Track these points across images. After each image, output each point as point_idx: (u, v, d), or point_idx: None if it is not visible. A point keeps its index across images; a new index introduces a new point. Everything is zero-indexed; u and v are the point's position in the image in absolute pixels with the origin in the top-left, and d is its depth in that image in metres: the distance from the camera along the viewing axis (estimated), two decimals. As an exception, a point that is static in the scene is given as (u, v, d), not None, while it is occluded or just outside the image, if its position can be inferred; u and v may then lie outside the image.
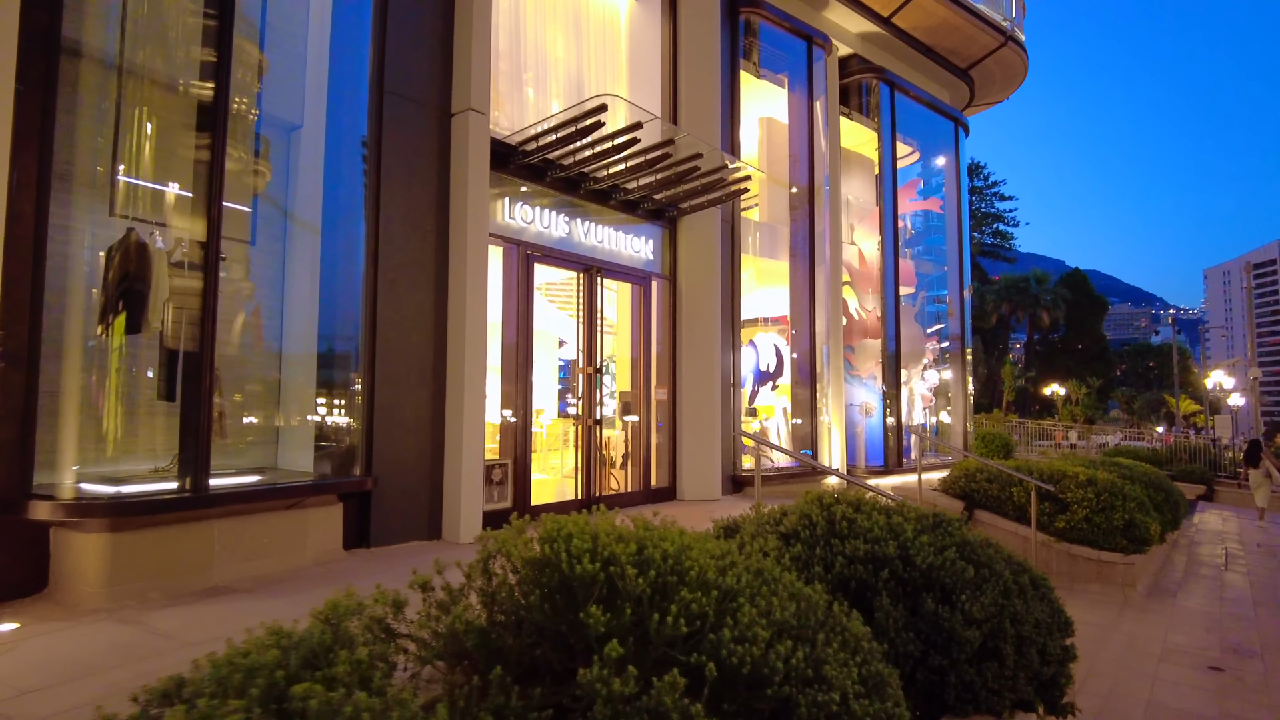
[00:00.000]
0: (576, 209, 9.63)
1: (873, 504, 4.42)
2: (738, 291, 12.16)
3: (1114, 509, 8.00)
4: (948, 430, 18.14)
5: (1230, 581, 8.91)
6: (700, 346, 11.10)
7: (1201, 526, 14.47)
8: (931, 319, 18.59)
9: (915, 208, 17.72)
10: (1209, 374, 31.69)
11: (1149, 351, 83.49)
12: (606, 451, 11.73)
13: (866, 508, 4.27)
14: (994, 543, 4.37)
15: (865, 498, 4.59)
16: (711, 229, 11.29)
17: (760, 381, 13.40)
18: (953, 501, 8.94)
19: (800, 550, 3.90)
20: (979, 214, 73.56)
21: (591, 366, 9.62)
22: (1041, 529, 8.26)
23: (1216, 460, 22.46)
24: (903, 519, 4.13)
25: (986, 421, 26.46)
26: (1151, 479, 10.14)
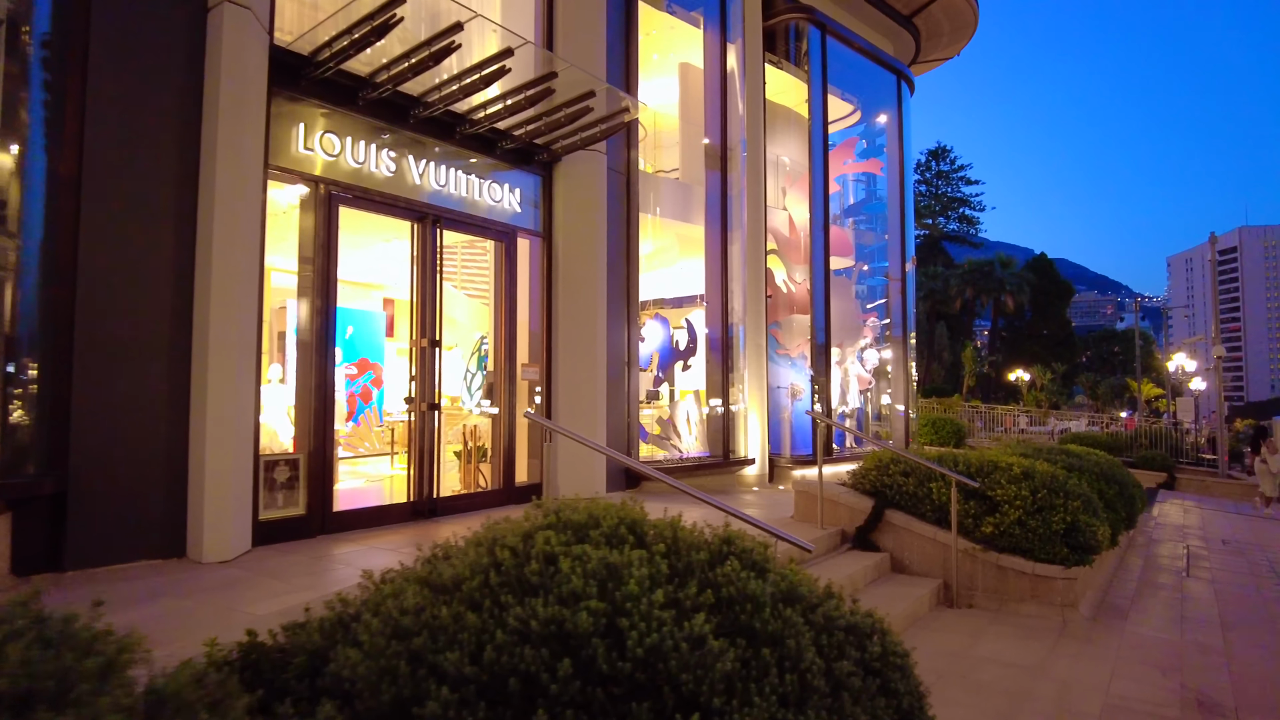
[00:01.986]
0: (410, 144, 7.82)
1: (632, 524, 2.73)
2: (634, 256, 10.43)
3: (1053, 509, 6.38)
4: (890, 415, 16.57)
5: (1193, 593, 7.37)
6: (581, 318, 9.37)
7: (1162, 520, 13.02)
8: (874, 294, 16.99)
9: (853, 169, 16.07)
10: (1171, 357, 30.60)
11: (1114, 337, 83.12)
12: (473, 443, 9.99)
13: (606, 531, 2.56)
14: (812, 592, 2.69)
15: (634, 514, 2.92)
16: (595, 179, 9.53)
17: (670, 361, 11.70)
18: (860, 499, 7.30)
19: (448, 617, 2.17)
20: (945, 198, 72.59)
21: (426, 339, 7.84)
22: (965, 534, 6.64)
23: (1179, 445, 21.19)
24: (656, 553, 2.42)
25: (939, 406, 25.06)
26: (1104, 470, 8.57)
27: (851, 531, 7.27)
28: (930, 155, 73.32)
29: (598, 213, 9.49)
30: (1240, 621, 6.38)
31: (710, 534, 2.89)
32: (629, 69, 10.51)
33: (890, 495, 7.22)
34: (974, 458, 7.22)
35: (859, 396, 15.48)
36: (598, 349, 9.36)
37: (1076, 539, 6.31)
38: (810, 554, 4.13)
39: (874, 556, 6.90)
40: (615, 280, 10.05)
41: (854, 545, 7.18)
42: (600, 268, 9.48)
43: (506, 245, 8.84)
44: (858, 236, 16.59)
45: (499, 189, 8.73)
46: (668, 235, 13.48)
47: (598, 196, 9.52)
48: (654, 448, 11.35)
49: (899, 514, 7.10)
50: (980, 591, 6.51)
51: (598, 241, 9.47)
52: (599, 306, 9.43)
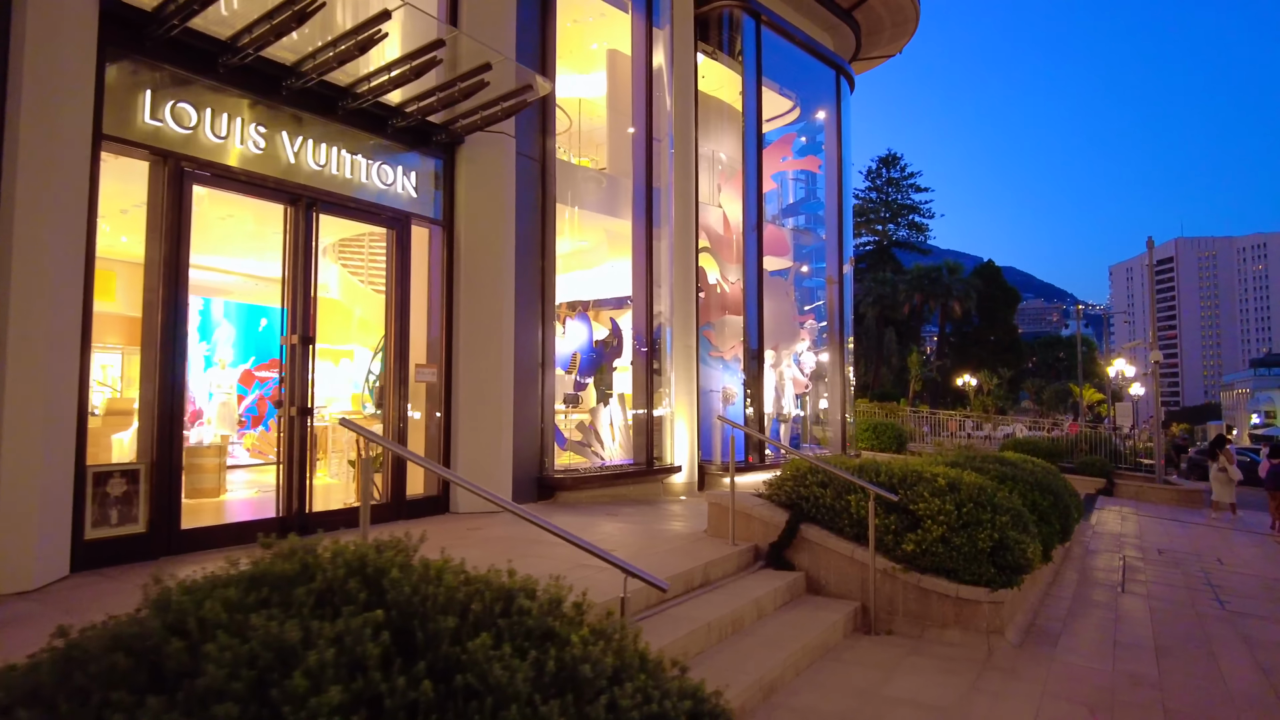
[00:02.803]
0: (284, 119, 7.01)
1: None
2: (549, 249, 9.72)
3: (980, 525, 5.82)
4: (828, 420, 16.08)
5: (1128, 611, 6.89)
6: (485, 315, 8.63)
7: (1099, 528, 12.70)
8: (813, 296, 16.51)
9: (791, 167, 15.58)
10: (1112, 362, 30.85)
11: (1058, 343, 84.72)
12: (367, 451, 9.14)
13: (320, 588, 1.85)
14: (625, 662, 2.01)
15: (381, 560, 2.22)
16: (502, 164, 8.81)
17: (594, 363, 11.01)
18: (776, 512, 6.68)
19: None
20: (895, 205, 73.16)
21: (297, 335, 7.03)
22: (885, 552, 6.05)
23: (1118, 451, 21.12)
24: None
25: (881, 411, 24.77)
26: (1038, 479, 8.09)
27: (765, 548, 6.64)
28: (881, 162, 73.91)
29: (504, 200, 8.77)
30: (1175, 645, 5.89)
31: (502, 582, 2.20)
32: (545, 50, 9.81)
33: (807, 508, 6.61)
34: (897, 467, 6.65)
35: (795, 400, 14.95)
36: (503, 348, 8.63)
37: (1004, 558, 5.75)
38: (665, 593, 3.44)
39: (787, 576, 6.28)
40: (526, 274, 9.33)
41: (767, 563, 6.55)
42: (507, 260, 8.75)
43: (399, 233, 8.05)
44: (796, 237, 16.11)
45: (390, 171, 7.95)
46: (595, 232, 12.80)
47: (504, 183, 8.79)
48: (574, 455, 10.64)
49: (815, 529, 6.48)
50: (901, 616, 5.92)
51: (504, 232, 8.74)
52: (505, 302, 8.70)
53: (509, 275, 8.77)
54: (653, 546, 6.64)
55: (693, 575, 5.77)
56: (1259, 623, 6.91)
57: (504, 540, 6.76)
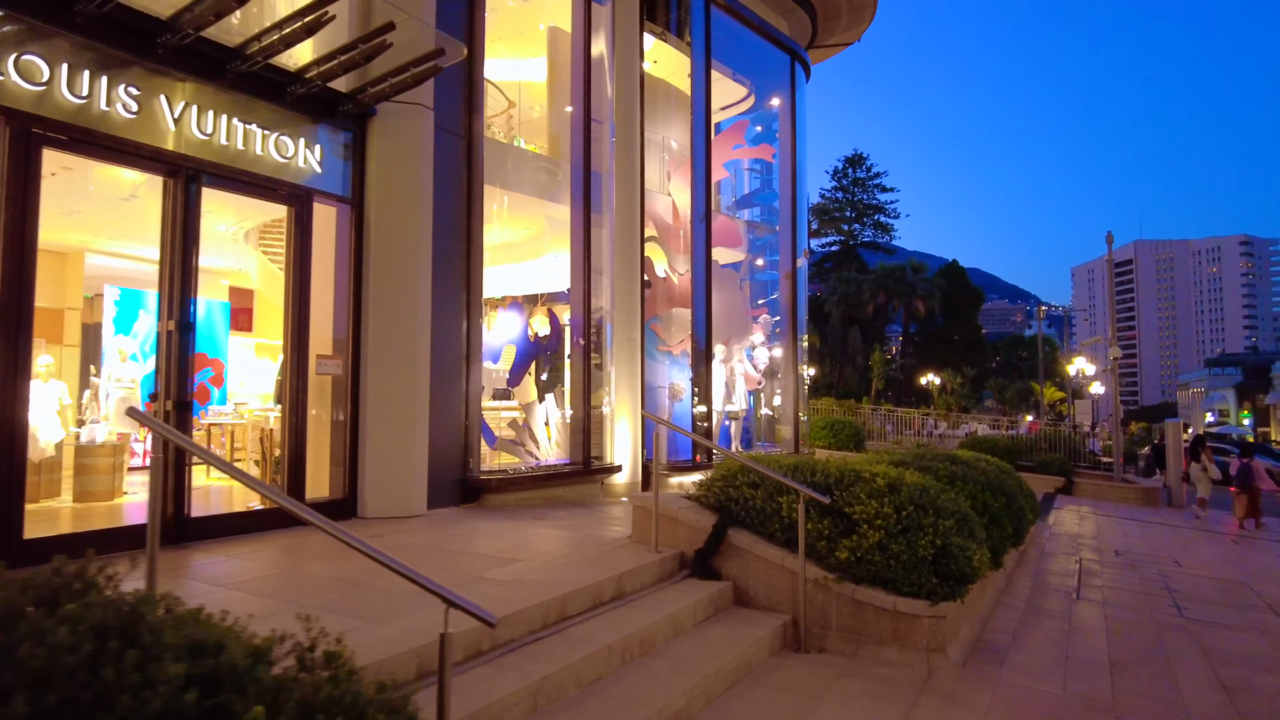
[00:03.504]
0: (162, 81, 6.27)
1: None
2: (476, 233, 9.05)
3: (921, 530, 5.28)
4: (781, 417, 15.57)
5: (1083, 621, 6.41)
6: (398, 303, 7.95)
7: (1056, 528, 12.31)
8: (768, 290, 16.00)
9: (744, 155, 15.04)
10: (1072, 360, 30.80)
11: (1021, 343, 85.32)
12: (271, 450, 8.48)
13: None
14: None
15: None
16: (418, 139, 8.14)
17: (528, 357, 10.35)
18: (703, 516, 6.09)
19: None
20: (861, 205, 73.27)
21: (174, 321, 6.30)
22: (819, 560, 5.49)
23: (1078, 449, 20.90)
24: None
25: (839, 408, 24.37)
26: (991, 480, 7.58)
27: (691, 555, 6.04)
28: (847, 162, 73.99)
29: (420, 178, 8.09)
30: (1132, 661, 5.39)
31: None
32: (473, 18, 9.10)
33: (736, 511, 6.03)
34: (834, 466, 6.09)
35: (747, 397, 14.41)
36: (417, 339, 7.95)
37: (948, 567, 5.21)
38: (493, 627, 2.81)
39: (712, 587, 5.69)
40: (449, 260, 8.65)
41: (693, 572, 5.96)
42: (423, 243, 8.08)
43: (299, 211, 7.34)
44: (751, 229, 15.58)
45: (290, 144, 7.23)
46: (535, 220, 12.16)
47: (421, 160, 8.11)
48: (505, 454, 9.98)
49: (745, 534, 5.90)
50: (835, 631, 5.36)
51: (420, 212, 8.07)
52: (420, 289, 8.02)
53: (425, 260, 8.10)
54: (568, 555, 6.02)
55: (602, 588, 5.16)
56: (1218, 632, 6.46)
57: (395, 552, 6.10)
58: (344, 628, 3.64)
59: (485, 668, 3.95)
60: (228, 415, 11.42)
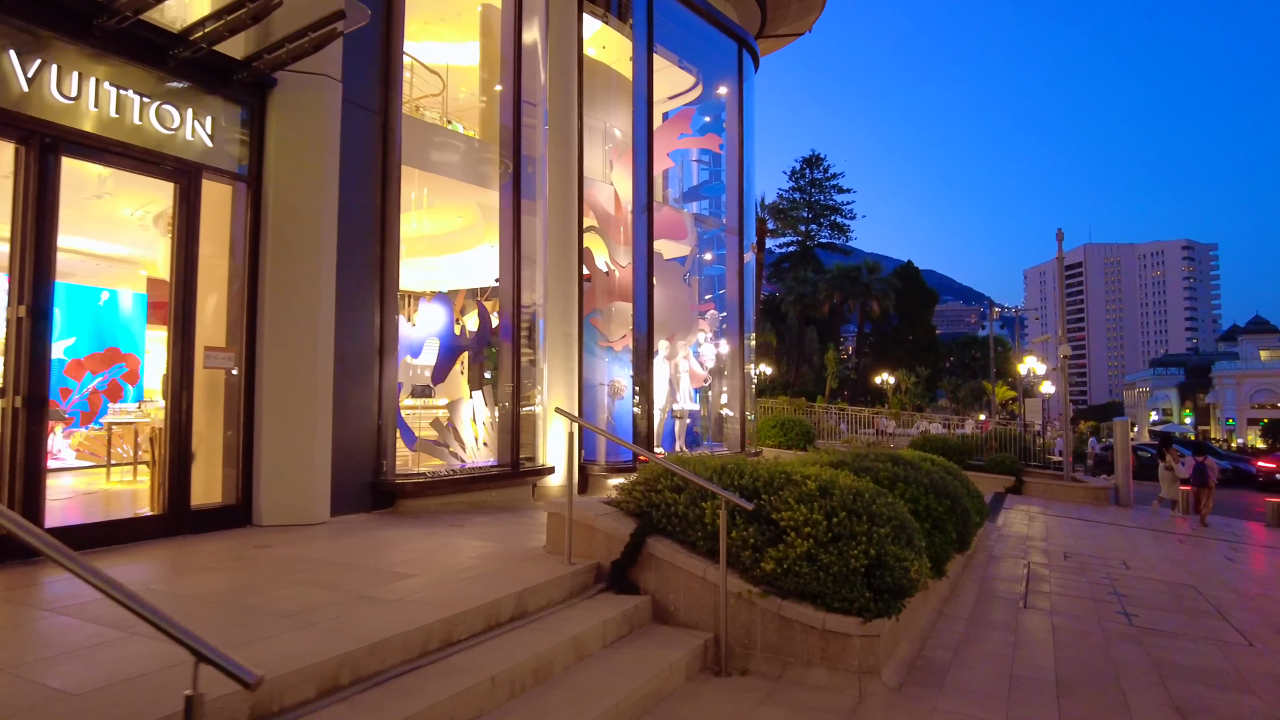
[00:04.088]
0: (18, 38, 5.54)
1: None
2: (393, 218, 8.40)
3: (853, 539, 4.79)
4: (728, 416, 15.10)
5: (1030, 633, 6.00)
6: (299, 291, 7.28)
7: (1006, 530, 12.02)
8: (716, 285, 15.53)
9: (690, 144, 14.53)
10: (1023, 359, 30.95)
11: (975, 343, 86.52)
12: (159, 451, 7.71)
13: None
14: None
15: None
16: (324, 113, 7.48)
17: (454, 352, 9.70)
18: (622, 523, 5.54)
19: None
20: (818, 205, 73.44)
21: (25, 307, 5.57)
22: (743, 572, 4.98)
23: (1029, 448, 20.81)
24: None
25: (790, 407, 24.04)
26: (935, 482, 7.15)
27: (608, 567, 5.49)
28: (804, 162, 74.13)
29: (325, 156, 7.43)
30: (1080, 679, 4.97)
31: None
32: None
33: (657, 517, 5.50)
34: (764, 468, 5.59)
35: (693, 395, 13.91)
36: (319, 331, 7.29)
37: (882, 579, 4.74)
38: (250, 688, 2.21)
39: (629, 602, 5.15)
40: (360, 246, 8.00)
41: (609, 586, 5.41)
42: (327, 226, 7.42)
43: (184, 188, 6.63)
44: (698, 222, 15.08)
45: (175, 114, 6.53)
46: (467, 208, 11.53)
47: (326, 136, 7.45)
48: (428, 456, 9.34)
49: (665, 543, 5.37)
50: (759, 651, 4.85)
51: (324, 193, 7.40)
52: (323, 276, 7.36)
53: (329, 245, 7.44)
54: (472, 568, 5.43)
55: (499, 607, 4.58)
56: (1169, 642, 6.10)
57: (278, 565, 5.46)
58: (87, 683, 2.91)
59: (339, 706, 3.36)
60: (131, 413, 10.61)
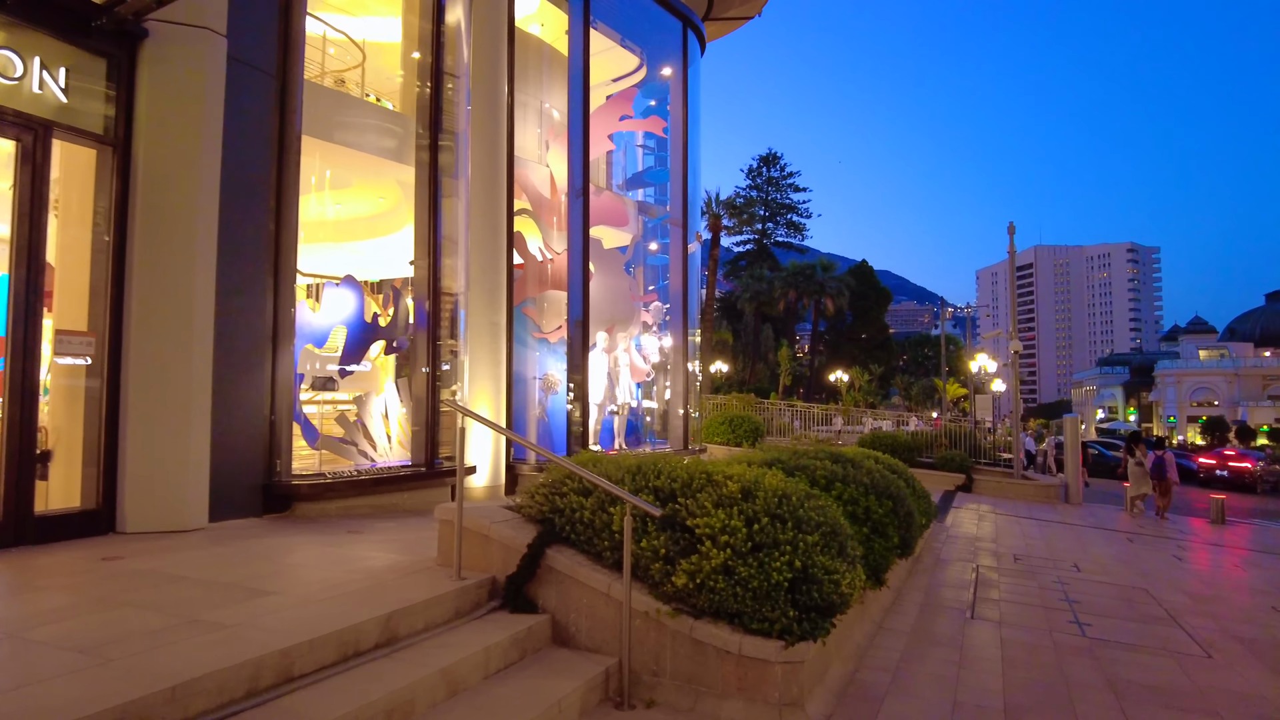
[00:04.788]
0: None
1: None
2: (290, 192, 7.62)
3: (776, 548, 4.18)
4: (672, 411, 14.49)
5: (976, 649, 5.46)
6: (173, 269, 6.48)
7: (955, 530, 11.59)
8: (661, 275, 14.92)
9: (632, 127, 13.88)
10: (974, 357, 30.94)
11: (928, 342, 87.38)
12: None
13: None
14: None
15: None
16: (204, 70, 6.65)
17: (364, 341, 8.92)
18: (523, 531, 4.87)
19: None
20: (775, 204, 73.33)
21: None
22: (652, 587, 4.34)
23: (979, 445, 20.56)
24: None
25: (738, 403, 23.57)
26: (876, 482, 6.58)
27: (504, 581, 4.81)
28: (761, 160, 73.91)
29: (206, 120, 6.62)
30: (1031, 704, 4.43)
31: None
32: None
33: (561, 524, 4.83)
34: (684, 468, 4.96)
35: (633, 390, 13.27)
36: (196, 315, 6.49)
37: (809, 595, 4.13)
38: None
39: (524, 623, 4.47)
40: (250, 222, 7.21)
41: (504, 603, 4.73)
42: (207, 198, 6.61)
43: (29, 148, 5.78)
44: (642, 210, 14.46)
45: (18, 62, 5.69)
46: (387, 187, 10.75)
47: (208, 97, 6.64)
48: (335, 455, 8.55)
49: (568, 553, 4.71)
50: (669, 679, 4.21)
51: (203, 161, 6.59)
52: (202, 254, 6.56)
53: (209, 220, 6.63)
54: (344, 584, 4.70)
55: (360, 633, 3.87)
56: (1124, 655, 5.61)
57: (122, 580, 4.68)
58: None
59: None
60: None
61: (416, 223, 9.10)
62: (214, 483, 6.65)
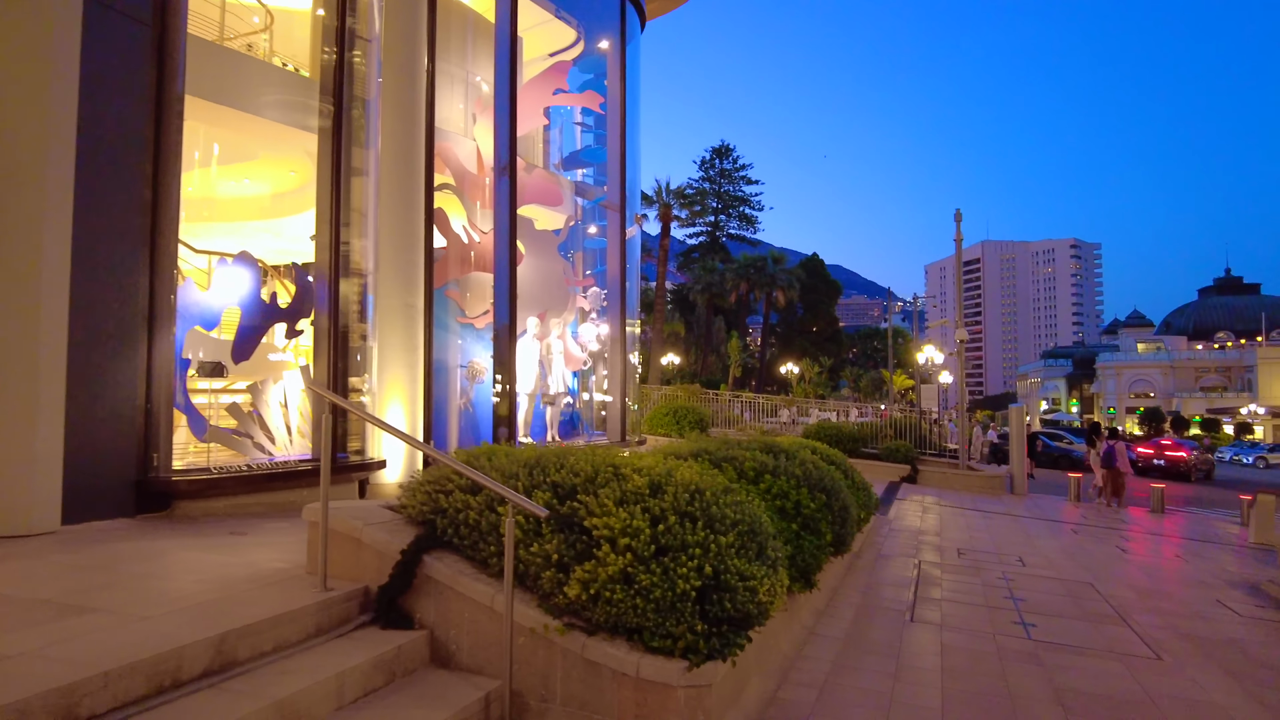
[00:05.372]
0: None
1: None
2: (169, 156, 6.83)
3: (684, 551, 3.61)
4: (609, 402, 13.90)
5: (915, 657, 4.99)
6: (13, 237, 5.67)
7: (898, 523, 11.23)
8: (601, 259, 14.30)
9: (567, 101, 13.20)
10: (922, 348, 30.97)
11: (877, 334, 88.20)
12: None
13: None
14: None
15: None
16: (51, 8, 5.83)
17: (261, 323, 8.13)
18: (399, 534, 4.24)
19: None
20: (727, 196, 73.12)
21: None
22: (543, 599, 3.75)
23: (925, 436, 20.38)
24: None
25: (683, 394, 23.10)
26: (810, 474, 6.07)
27: (377, 592, 4.17)
28: (714, 152, 73.64)
29: (57, 68, 5.81)
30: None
31: None
32: None
33: (444, 527, 4.21)
34: (589, 461, 4.36)
35: (570, 379, 12.63)
36: (44, 290, 5.69)
37: (721, 605, 3.57)
38: None
39: (395, 641, 3.84)
40: (117, 187, 6.41)
41: (376, 618, 4.09)
42: (60, 158, 5.81)
43: None
44: (579, 191, 13.82)
45: None
46: (297, 161, 9.95)
47: (58, 42, 5.83)
48: (227, 448, 7.77)
49: (449, 560, 4.09)
50: (559, 705, 3.62)
51: (53, 115, 5.79)
52: (51, 221, 5.75)
53: (62, 183, 5.83)
54: (187, 597, 4.01)
55: (183, 660, 3.20)
56: (1071, 660, 5.20)
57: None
58: None
59: None
60: None
61: (319, 196, 8.35)
62: (70, 481, 5.86)
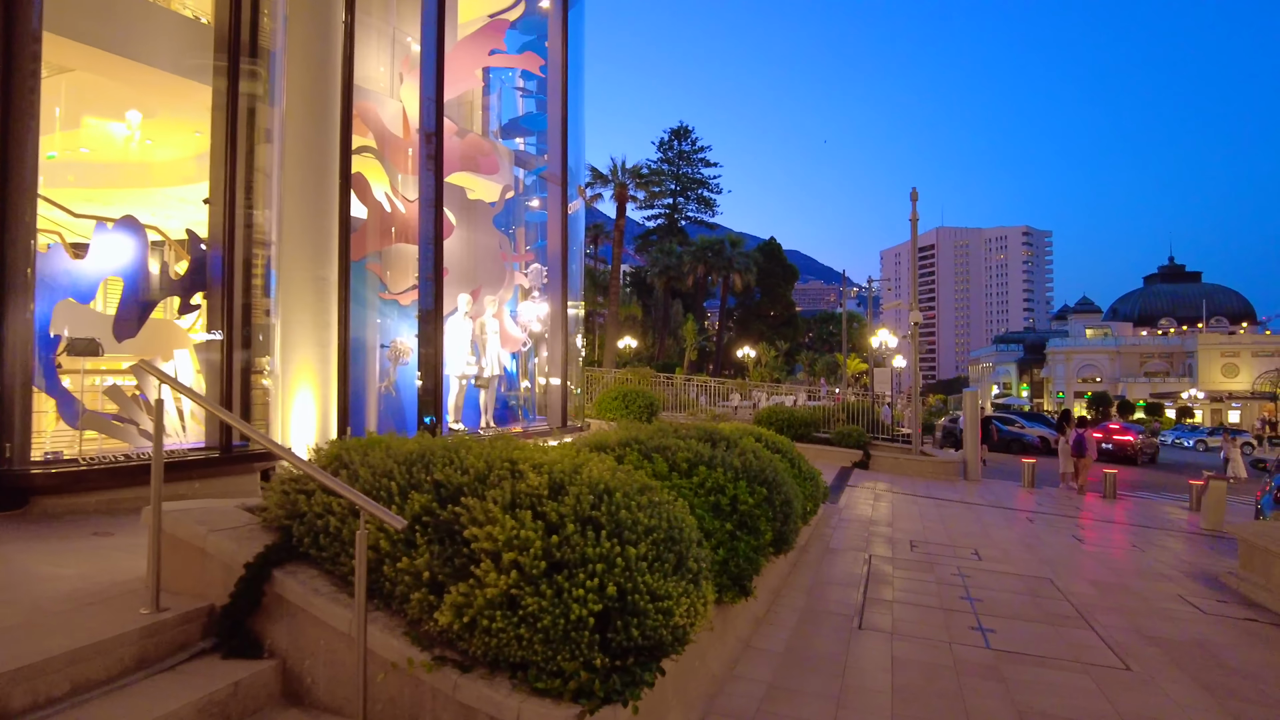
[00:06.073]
0: None
1: None
2: (23, 105, 5.91)
3: (583, 568, 2.96)
4: (552, 386, 13.19)
5: (862, 674, 4.46)
6: None
7: (848, 512, 10.74)
8: (543, 233, 13.54)
9: (503, 63, 12.36)
10: (876, 332, 30.75)
11: (832, 319, 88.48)
12: None
13: None
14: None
15: None
16: None
17: (146, 296, 7.27)
18: (247, 543, 3.54)
19: None
20: (685, 178, 72.41)
21: None
22: (411, 625, 3.09)
23: (877, 421, 20.04)
24: None
25: (633, 377, 22.45)
26: (749, 465, 5.46)
27: (220, 613, 3.45)
28: (672, 134, 72.81)
29: None
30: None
31: None
32: None
33: (301, 535, 3.50)
34: (485, 456, 3.67)
35: (503, 360, 11.88)
36: None
37: (627, 633, 2.93)
38: None
39: (237, 674, 3.14)
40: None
41: (220, 644, 3.37)
42: None
43: None
44: (519, 162, 13.02)
45: None
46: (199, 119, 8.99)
47: None
48: (107, 436, 6.92)
49: (305, 576, 3.39)
50: (425, 756, 2.96)
51: None
52: None
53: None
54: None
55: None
56: (1034, 673, 4.69)
57: None
58: None
59: None
60: None
61: (213, 155, 7.49)
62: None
